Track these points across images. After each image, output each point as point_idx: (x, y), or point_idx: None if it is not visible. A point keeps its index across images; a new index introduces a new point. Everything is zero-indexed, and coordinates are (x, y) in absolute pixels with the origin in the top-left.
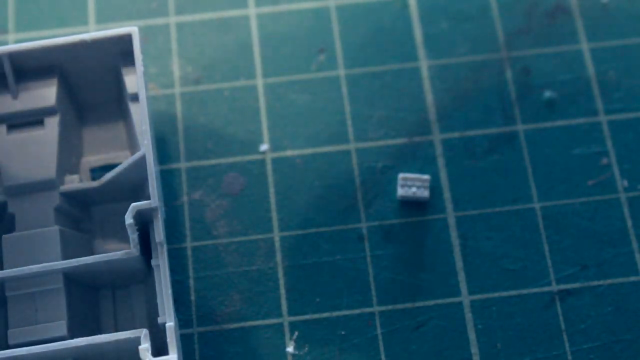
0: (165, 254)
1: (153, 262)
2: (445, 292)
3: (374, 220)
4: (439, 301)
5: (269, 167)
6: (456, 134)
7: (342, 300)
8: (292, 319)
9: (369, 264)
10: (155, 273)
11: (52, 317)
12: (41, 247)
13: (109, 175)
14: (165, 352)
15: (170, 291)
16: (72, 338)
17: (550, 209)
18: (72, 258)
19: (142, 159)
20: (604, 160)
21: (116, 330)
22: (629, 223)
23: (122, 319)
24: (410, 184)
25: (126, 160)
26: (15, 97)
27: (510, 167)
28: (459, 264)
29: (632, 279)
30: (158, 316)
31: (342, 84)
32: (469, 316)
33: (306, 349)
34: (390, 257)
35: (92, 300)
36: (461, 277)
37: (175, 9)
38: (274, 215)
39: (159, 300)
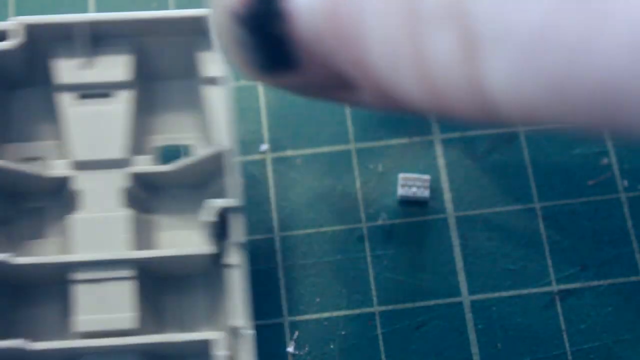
0: (244, 254)
1: (226, 261)
2: (445, 292)
3: (374, 220)
4: (439, 301)
5: (269, 167)
6: (456, 134)
7: (343, 300)
8: (292, 319)
9: (369, 264)
10: (229, 272)
11: (122, 307)
12: (110, 230)
13: (185, 162)
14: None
15: (247, 294)
16: (140, 330)
17: (551, 209)
18: (140, 244)
19: (223, 152)
20: (604, 160)
21: (180, 322)
22: (629, 223)
23: (185, 309)
24: (411, 184)
25: (206, 149)
26: (88, 67)
27: (510, 167)
28: (459, 264)
29: (633, 279)
30: (223, 315)
31: None
32: (469, 316)
33: (306, 349)
34: (390, 257)
35: (157, 289)
36: (461, 277)
37: (176, 9)
38: (274, 215)
39: (233, 302)
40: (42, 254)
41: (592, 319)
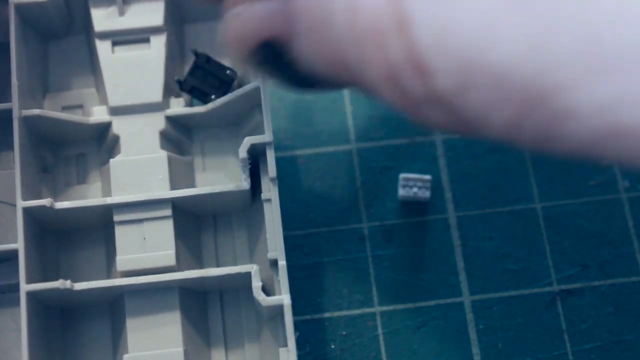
0: (277, 189)
1: (263, 197)
2: (446, 292)
3: (375, 220)
4: (440, 301)
5: None
6: (457, 134)
7: (343, 300)
8: (293, 318)
9: (370, 264)
10: (266, 207)
11: (161, 246)
12: (148, 172)
13: (219, 102)
14: (269, 289)
15: (281, 228)
16: (179, 267)
17: (552, 209)
18: (177, 184)
19: (255, 90)
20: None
21: (217, 259)
22: (630, 223)
23: (222, 247)
24: (412, 184)
25: (238, 89)
26: (122, 13)
27: (511, 167)
28: (460, 264)
29: (633, 279)
30: (258, 250)
31: None
32: (470, 316)
33: (307, 349)
34: (391, 257)
35: (195, 228)
36: (462, 277)
37: None
38: None
39: (268, 236)
40: (85, 198)
41: (593, 319)
